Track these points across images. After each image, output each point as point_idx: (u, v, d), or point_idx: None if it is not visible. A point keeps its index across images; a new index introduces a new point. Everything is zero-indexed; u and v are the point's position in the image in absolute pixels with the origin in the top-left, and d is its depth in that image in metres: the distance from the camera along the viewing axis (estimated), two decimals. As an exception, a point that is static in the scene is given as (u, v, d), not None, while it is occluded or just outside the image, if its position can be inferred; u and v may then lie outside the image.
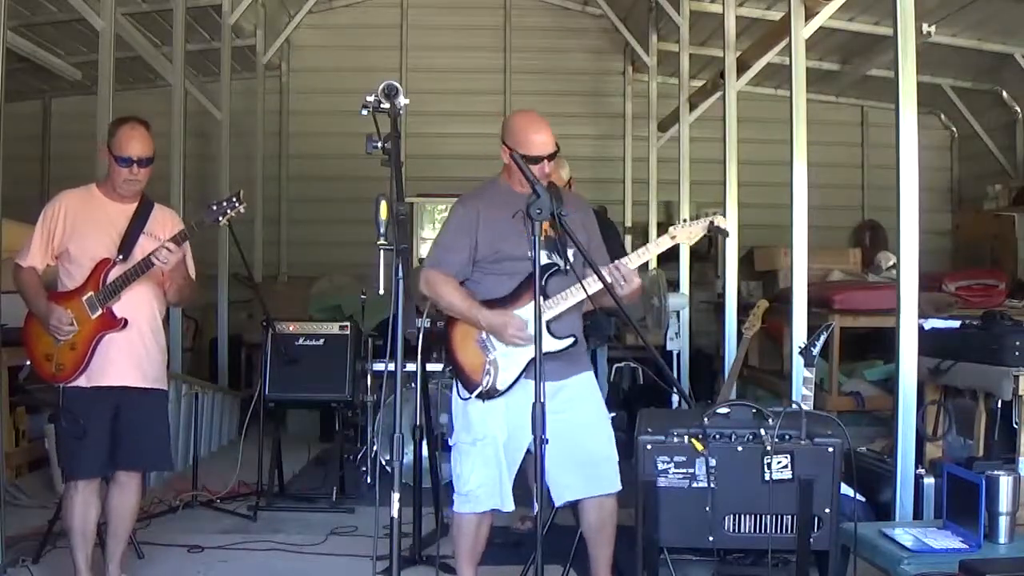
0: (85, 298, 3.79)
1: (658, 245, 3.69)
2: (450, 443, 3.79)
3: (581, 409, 3.67)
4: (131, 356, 3.86)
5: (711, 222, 3.63)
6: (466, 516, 3.67)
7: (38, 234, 3.85)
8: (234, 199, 3.95)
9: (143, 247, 3.86)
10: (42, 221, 3.86)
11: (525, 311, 3.60)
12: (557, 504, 3.74)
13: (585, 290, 3.51)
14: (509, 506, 3.66)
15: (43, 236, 3.84)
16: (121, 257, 3.82)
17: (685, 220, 3.69)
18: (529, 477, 3.84)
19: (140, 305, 3.89)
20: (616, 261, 3.54)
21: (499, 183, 3.79)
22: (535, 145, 3.58)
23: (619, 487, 3.69)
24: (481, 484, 3.62)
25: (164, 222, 3.99)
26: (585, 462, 3.61)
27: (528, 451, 3.69)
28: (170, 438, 4.18)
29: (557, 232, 3.41)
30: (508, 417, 3.61)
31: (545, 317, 3.58)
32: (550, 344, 3.57)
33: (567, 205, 3.69)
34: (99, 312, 3.79)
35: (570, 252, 3.60)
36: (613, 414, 3.83)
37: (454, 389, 3.72)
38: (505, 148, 3.64)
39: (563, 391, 3.62)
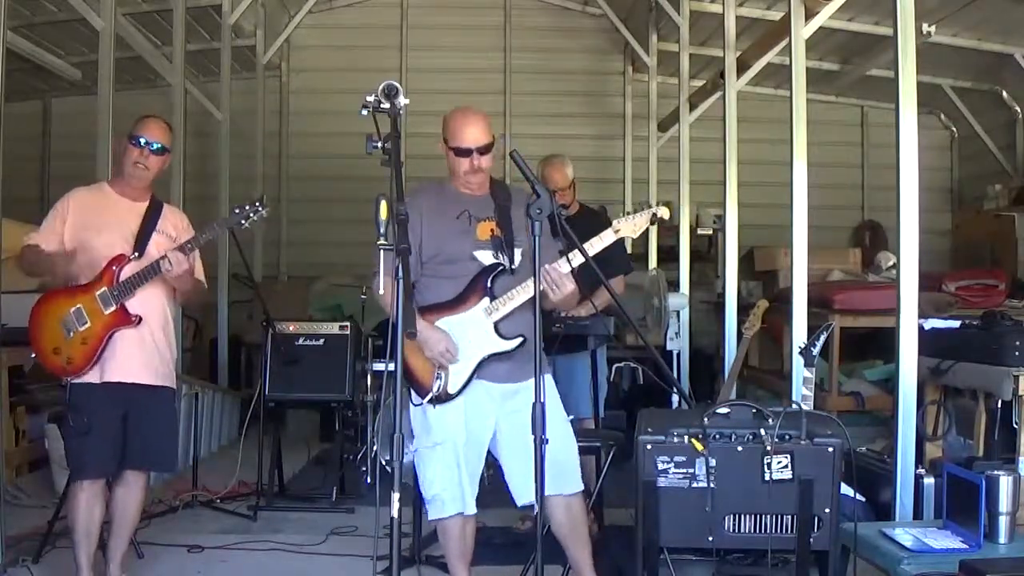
0: (99, 293, 3.81)
1: (601, 240, 3.60)
2: (412, 448, 3.74)
3: None
4: (142, 354, 3.88)
5: (653, 213, 3.62)
6: (447, 520, 3.64)
7: (48, 219, 3.88)
8: (257, 203, 4.05)
9: (157, 244, 3.90)
10: (53, 209, 3.90)
11: (469, 314, 3.60)
12: (519, 505, 3.67)
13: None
14: (471, 509, 3.63)
15: (52, 219, 3.86)
16: (136, 255, 3.85)
17: (629, 214, 3.65)
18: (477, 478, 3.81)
19: (152, 303, 3.91)
20: (548, 265, 3.45)
21: (445, 184, 3.77)
22: (465, 137, 3.60)
23: (580, 487, 3.68)
24: (444, 487, 3.60)
25: (175, 222, 4.04)
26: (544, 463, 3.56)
27: (491, 451, 3.68)
28: (177, 438, 4.18)
29: (568, 233, 3.39)
30: (469, 420, 3.60)
31: (494, 317, 3.58)
32: (498, 344, 3.57)
33: (514, 201, 3.69)
34: (113, 308, 3.81)
35: (517, 252, 3.59)
36: (616, 412, 3.81)
37: (409, 395, 3.68)
38: (442, 144, 3.68)
39: (520, 394, 3.56)
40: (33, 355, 3.89)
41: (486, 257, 3.63)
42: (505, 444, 3.62)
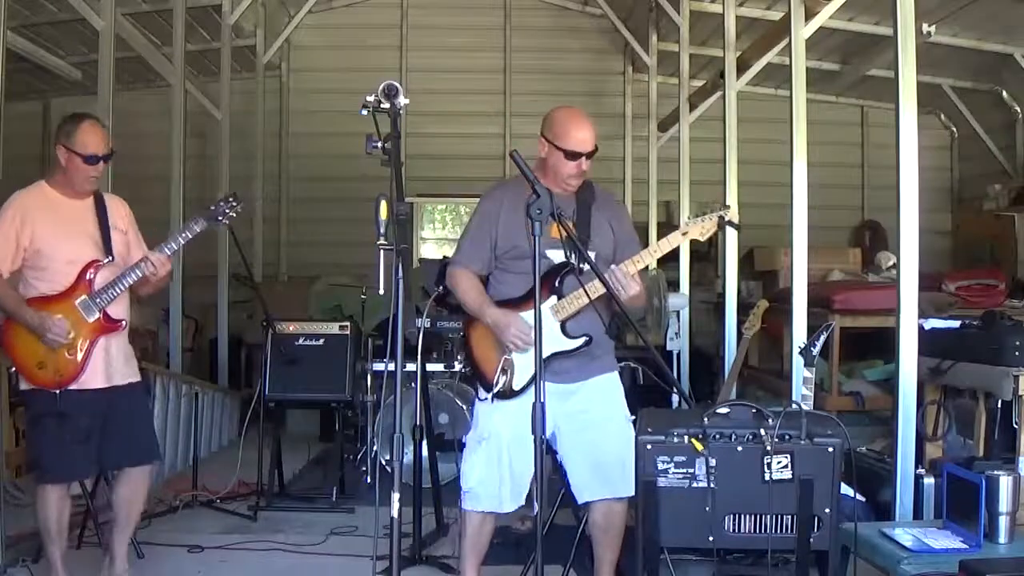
0: (78, 301, 3.74)
1: (669, 242, 3.63)
2: (464, 440, 3.81)
3: (598, 411, 3.65)
4: (116, 356, 3.85)
5: (721, 216, 3.61)
6: (471, 513, 3.67)
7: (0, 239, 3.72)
8: (231, 199, 3.97)
9: (117, 244, 3.85)
10: (0, 226, 3.73)
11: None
12: (579, 503, 3.75)
13: (608, 286, 3.47)
14: (507, 508, 3.65)
15: (7, 241, 3.71)
16: (110, 259, 3.80)
17: (697, 216, 3.65)
18: (567, 477, 3.83)
19: (120, 304, 3.86)
20: (615, 266, 3.49)
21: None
22: (574, 141, 3.56)
23: (631, 491, 3.67)
24: (480, 482, 3.62)
25: (120, 212, 3.96)
26: (599, 464, 3.60)
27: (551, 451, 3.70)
28: (154, 427, 4.15)
29: (570, 232, 3.38)
30: (519, 417, 3.59)
31: (560, 316, 3.58)
32: (563, 343, 3.57)
33: (597, 203, 3.69)
34: (96, 315, 3.76)
35: (591, 254, 3.54)
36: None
37: (476, 389, 3.74)
38: (543, 141, 3.63)
39: (580, 392, 3.62)
40: (12, 368, 3.83)
41: (558, 256, 3.60)
42: (566, 444, 3.65)
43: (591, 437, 3.60)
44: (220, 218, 3.94)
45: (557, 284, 3.59)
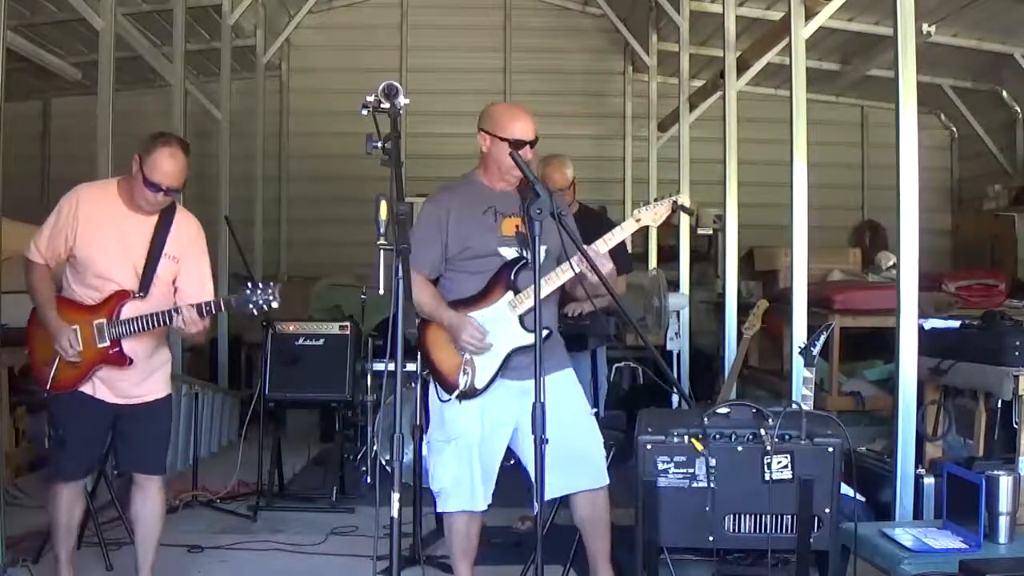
0: (96, 323, 3.65)
1: (623, 230, 3.62)
2: (426, 439, 3.77)
3: (561, 406, 3.60)
4: (128, 381, 3.76)
5: (674, 201, 3.61)
6: (453, 515, 3.66)
7: (50, 229, 3.69)
8: (270, 293, 3.73)
9: (161, 274, 3.72)
10: (56, 216, 3.69)
11: (494, 309, 3.60)
12: (545, 500, 3.72)
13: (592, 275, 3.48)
14: (480, 506, 3.64)
15: (55, 234, 3.68)
16: (141, 294, 3.67)
17: (647, 202, 3.65)
18: (529, 477, 3.83)
19: (142, 343, 3.75)
20: (584, 247, 3.48)
21: (474, 179, 3.75)
22: (518, 130, 3.56)
23: (606, 481, 3.68)
24: (454, 482, 3.60)
25: (181, 236, 3.79)
26: (568, 458, 3.54)
27: (509, 449, 3.68)
28: (167, 444, 4.06)
29: (568, 231, 3.38)
30: (484, 416, 3.60)
31: (519, 311, 3.59)
32: (524, 338, 3.57)
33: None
34: (106, 344, 3.65)
35: (542, 248, 3.48)
36: (616, 412, 3.80)
37: (432, 390, 3.69)
38: (484, 135, 3.63)
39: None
40: (27, 352, 3.83)
41: (510, 253, 3.62)
42: (526, 442, 3.60)
43: (556, 433, 3.57)
44: (250, 306, 3.70)
45: (512, 279, 3.60)
